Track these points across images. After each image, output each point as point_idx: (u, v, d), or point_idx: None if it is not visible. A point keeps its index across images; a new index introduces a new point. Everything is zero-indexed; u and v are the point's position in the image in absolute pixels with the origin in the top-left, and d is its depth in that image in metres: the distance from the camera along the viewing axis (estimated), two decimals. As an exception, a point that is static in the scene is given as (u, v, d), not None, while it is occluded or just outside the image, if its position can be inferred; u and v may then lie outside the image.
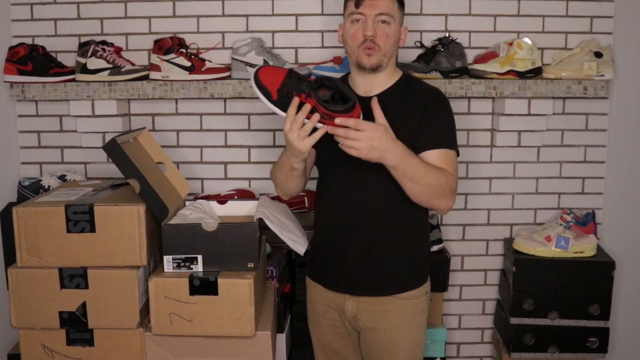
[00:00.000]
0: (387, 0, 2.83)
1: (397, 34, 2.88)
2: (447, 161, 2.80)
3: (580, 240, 3.66)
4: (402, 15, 2.92)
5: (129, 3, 3.82)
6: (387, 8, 2.83)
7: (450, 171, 2.79)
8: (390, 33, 2.83)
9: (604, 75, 3.65)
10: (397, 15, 2.86)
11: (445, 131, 2.86)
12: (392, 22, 2.83)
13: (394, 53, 2.92)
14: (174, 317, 2.87)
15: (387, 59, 2.87)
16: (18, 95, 3.66)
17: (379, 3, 2.82)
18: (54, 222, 2.88)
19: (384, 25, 2.82)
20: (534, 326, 3.71)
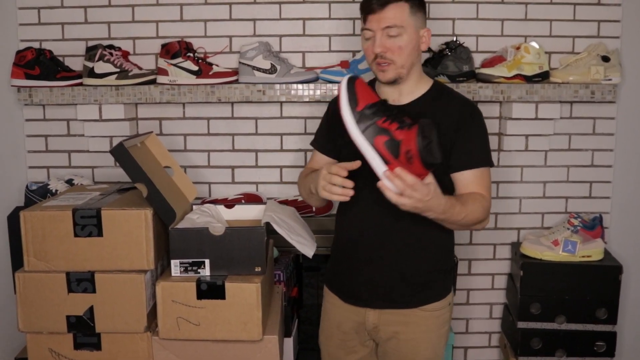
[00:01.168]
0: (393, 10, 2.74)
1: (413, 41, 2.77)
2: (482, 181, 2.80)
3: (588, 245, 3.65)
4: (420, 19, 2.80)
5: (137, 7, 3.82)
6: (394, 19, 2.74)
7: (485, 192, 2.79)
8: (402, 44, 2.75)
9: (612, 79, 3.65)
10: (409, 22, 2.75)
11: (480, 149, 2.82)
12: (403, 32, 2.74)
13: (416, 61, 2.83)
14: (182, 321, 2.87)
15: (407, 70, 2.80)
16: (25, 99, 3.66)
17: (385, 15, 2.74)
18: (61, 226, 2.88)
19: (394, 39, 2.75)
20: (541, 330, 3.71)
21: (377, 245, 2.84)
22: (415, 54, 2.81)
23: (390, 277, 2.84)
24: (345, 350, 3.01)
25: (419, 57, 2.86)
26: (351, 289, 2.94)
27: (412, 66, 2.82)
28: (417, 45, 2.81)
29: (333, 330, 3.03)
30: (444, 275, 2.93)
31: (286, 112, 3.88)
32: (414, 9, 2.77)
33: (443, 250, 2.93)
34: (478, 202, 2.72)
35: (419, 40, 2.81)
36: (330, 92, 3.64)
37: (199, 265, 2.91)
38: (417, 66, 2.86)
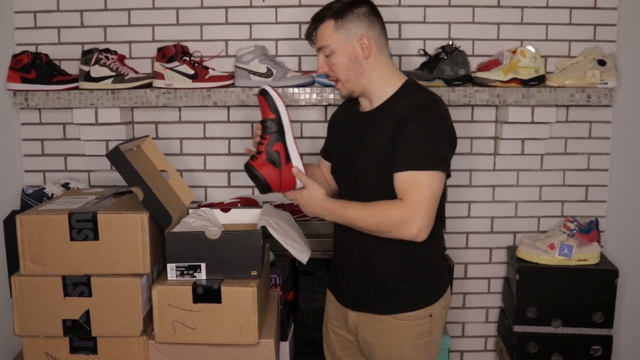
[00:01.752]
0: (321, 31, 2.81)
1: (347, 55, 2.78)
2: (408, 186, 2.62)
3: (584, 248, 3.66)
4: (350, 30, 2.77)
5: (133, 11, 3.83)
6: (322, 39, 2.81)
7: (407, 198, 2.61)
8: (336, 62, 2.80)
9: (608, 83, 3.65)
10: (336, 38, 2.77)
11: (416, 150, 2.64)
12: (332, 50, 2.78)
13: (364, 70, 2.80)
14: (178, 325, 2.87)
15: (355, 82, 2.82)
16: (21, 103, 3.66)
17: (317, 37, 2.85)
18: (57, 230, 2.88)
19: (329, 58, 2.82)
20: (537, 334, 3.71)
21: (353, 249, 2.87)
22: (357, 65, 2.79)
23: (361, 282, 2.86)
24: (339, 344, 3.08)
25: (368, 65, 2.80)
26: (337, 288, 3.02)
27: (361, 76, 2.81)
28: (355, 56, 2.79)
29: (329, 325, 3.10)
30: (419, 286, 2.85)
31: (282, 116, 3.88)
32: (340, 22, 2.77)
33: (413, 260, 2.81)
34: (380, 209, 2.65)
35: (356, 50, 2.78)
36: (326, 96, 3.64)
37: (195, 269, 2.91)
38: (372, 73, 2.82)
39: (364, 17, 2.79)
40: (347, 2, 2.80)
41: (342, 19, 2.76)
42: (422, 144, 2.64)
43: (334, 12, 2.78)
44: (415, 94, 2.78)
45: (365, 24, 2.79)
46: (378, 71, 2.82)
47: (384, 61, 2.84)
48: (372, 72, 2.81)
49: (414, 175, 2.61)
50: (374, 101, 2.85)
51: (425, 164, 2.61)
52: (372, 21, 2.82)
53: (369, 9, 2.83)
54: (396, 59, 3.83)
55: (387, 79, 2.84)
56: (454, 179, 3.87)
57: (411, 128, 2.64)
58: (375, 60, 2.81)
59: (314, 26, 2.84)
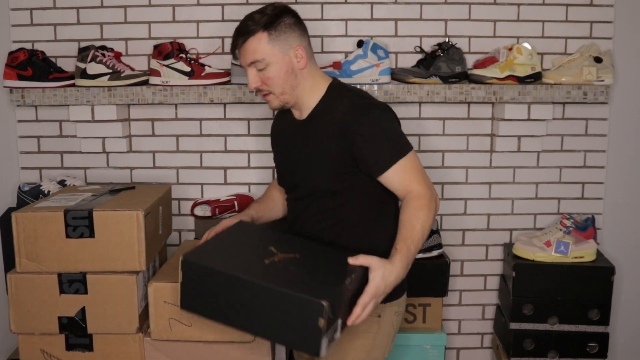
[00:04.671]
0: (253, 44, 2.74)
1: (283, 67, 2.75)
2: (405, 174, 2.66)
3: (580, 246, 3.66)
4: (285, 41, 2.74)
5: (129, 8, 3.82)
6: (254, 53, 2.74)
7: (413, 184, 2.64)
8: (272, 75, 2.75)
9: (604, 81, 3.65)
10: (271, 51, 2.73)
11: (384, 147, 2.67)
12: (268, 63, 2.73)
13: (298, 81, 2.79)
14: (173, 322, 2.88)
15: (290, 93, 2.80)
16: (18, 100, 3.66)
17: (246, 51, 2.76)
18: (53, 228, 2.88)
19: (263, 72, 2.76)
20: (533, 331, 3.71)
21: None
22: (293, 77, 2.77)
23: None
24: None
25: (302, 75, 2.80)
26: None
27: (296, 87, 2.80)
28: (291, 68, 2.76)
29: None
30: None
31: (279, 113, 3.88)
32: (274, 34, 2.73)
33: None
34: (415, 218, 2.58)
35: (291, 62, 2.76)
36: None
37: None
38: (305, 82, 2.81)
39: (295, 27, 2.79)
40: (273, 14, 2.77)
41: (275, 31, 2.73)
42: (385, 139, 2.69)
43: (266, 24, 2.73)
44: (344, 97, 2.79)
45: (297, 34, 2.79)
46: (310, 79, 2.82)
47: (314, 69, 2.86)
48: (305, 82, 2.81)
49: (403, 164, 2.65)
50: (304, 110, 2.85)
51: (400, 150, 2.67)
52: (302, 30, 2.83)
53: (295, 18, 2.83)
54: (393, 56, 3.83)
55: (317, 86, 2.84)
56: (450, 176, 3.89)
57: (367, 132, 2.65)
58: (309, 69, 2.81)
59: (243, 39, 2.76)
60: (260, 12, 2.79)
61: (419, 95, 3.63)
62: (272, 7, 2.80)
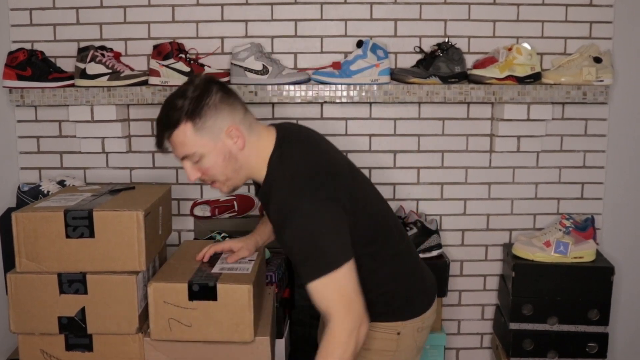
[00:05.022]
0: (179, 138, 2.50)
1: (220, 154, 2.50)
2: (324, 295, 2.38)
3: (580, 246, 3.66)
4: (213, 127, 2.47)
5: (128, 8, 3.82)
6: (183, 147, 2.51)
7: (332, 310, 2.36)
8: (209, 165, 2.53)
9: (603, 81, 3.65)
10: (200, 141, 2.48)
11: (304, 262, 2.39)
12: (200, 154, 2.51)
13: (240, 165, 2.56)
14: (173, 323, 2.87)
15: (236, 176, 2.60)
16: (17, 100, 3.66)
17: (173, 145, 2.54)
18: (53, 228, 2.87)
19: (198, 163, 2.54)
20: (533, 331, 3.71)
21: None
22: (234, 161, 2.54)
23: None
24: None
25: (245, 155, 2.54)
26: None
27: (241, 169, 2.58)
28: (229, 152, 2.52)
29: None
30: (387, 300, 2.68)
31: (278, 114, 3.87)
32: (199, 123, 2.47)
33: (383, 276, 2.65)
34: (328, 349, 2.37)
35: (228, 146, 2.52)
36: (322, 93, 3.64)
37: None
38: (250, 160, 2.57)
39: (223, 105, 2.51)
40: (195, 96, 2.48)
41: (200, 118, 2.46)
42: (307, 251, 2.39)
43: (188, 112, 2.46)
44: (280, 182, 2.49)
45: (226, 113, 2.51)
46: (254, 154, 2.57)
47: (255, 139, 2.58)
48: (250, 159, 2.57)
49: (318, 285, 2.37)
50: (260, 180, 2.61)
51: (319, 270, 2.36)
52: (231, 103, 2.55)
53: (221, 90, 2.54)
54: (392, 56, 3.83)
55: (263, 158, 2.56)
56: (449, 176, 3.89)
57: (289, 242, 2.42)
58: (249, 146, 2.55)
59: (168, 133, 2.52)
60: (181, 94, 2.52)
61: (418, 96, 3.63)
62: (193, 87, 2.51)
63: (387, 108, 3.89)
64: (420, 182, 3.96)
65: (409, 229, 3.66)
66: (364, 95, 3.63)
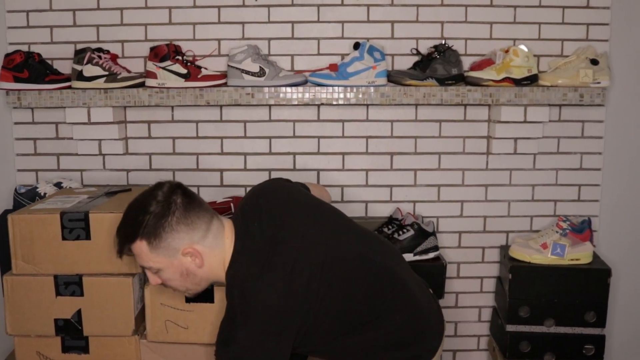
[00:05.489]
0: (135, 250, 2.49)
1: (177, 269, 2.49)
2: None
3: (577, 248, 3.66)
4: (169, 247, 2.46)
5: (125, 10, 3.82)
6: (140, 259, 2.52)
7: None
8: (166, 277, 2.54)
9: (600, 83, 3.65)
10: (155, 258, 2.47)
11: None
12: (157, 269, 2.51)
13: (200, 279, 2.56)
14: (170, 325, 2.87)
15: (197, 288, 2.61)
16: (14, 102, 3.65)
17: (135, 254, 2.53)
18: (49, 230, 2.88)
19: (157, 274, 2.55)
20: (530, 333, 3.71)
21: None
22: (192, 276, 2.53)
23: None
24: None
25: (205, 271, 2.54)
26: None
27: (201, 282, 2.59)
28: (186, 270, 2.51)
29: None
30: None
31: (275, 115, 3.87)
32: (154, 243, 2.45)
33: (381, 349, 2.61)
34: None
35: (184, 264, 2.50)
36: (319, 95, 3.63)
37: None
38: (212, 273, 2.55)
39: (181, 226, 2.47)
40: (155, 213, 2.44)
41: (155, 238, 2.44)
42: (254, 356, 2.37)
43: (144, 231, 2.45)
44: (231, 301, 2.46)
45: (184, 234, 2.47)
46: (216, 267, 2.55)
47: (218, 253, 2.55)
48: (211, 273, 2.56)
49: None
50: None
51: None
52: (191, 222, 2.49)
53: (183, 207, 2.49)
54: (389, 58, 3.83)
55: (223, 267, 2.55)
56: (446, 178, 3.89)
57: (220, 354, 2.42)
58: (210, 261, 2.53)
59: (127, 246, 2.52)
60: (142, 207, 2.50)
61: (415, 98, 3.63)
62: (155, 202, 2.47)
63: (383, 110, 3.88)
64: (417, 184, 3.96)
65: (405, 230, 3.66)
66: (360, 97, 3.63)
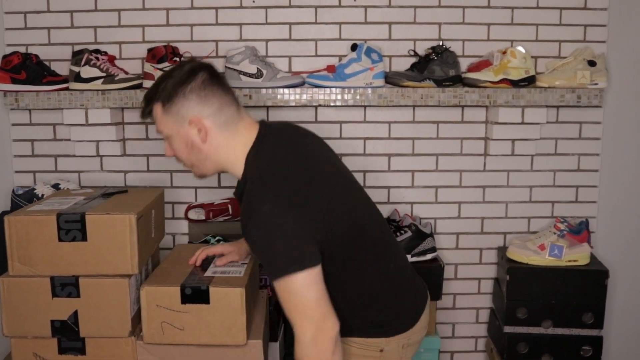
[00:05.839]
0: (153, 112, 2.59)
1: (183, 141, 2.56)
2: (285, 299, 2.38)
3: (574, 249, 3.66)
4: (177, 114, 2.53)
5: (123, 12, 3.82)
6: (157, 124, 2.60)
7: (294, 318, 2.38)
8: (175, 147, 2.60)
9: (598, 84, 3.65)
10: (165, 123, 2.56)
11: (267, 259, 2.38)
12: (169, 135, 2.59)
13: (205, 156, 2.58)
14: (166, 326, 2.87)
15: (202, 167, 2.63)
16: (12, 103, 3.66)
17: (154, 120, 2.63)
18: (45, 231, 2.87)
19: (168, 142, 2.63)
20: (527, 335, 3.71)
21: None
22: (197, 151, 2.57)
23: None
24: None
25: (210, 149, 2.56)
26: None
27: (206, 160, 2.60)
28: (192, 142, 2.56)
29: None
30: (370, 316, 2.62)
31: (273, 117, 3.87)
32: (167, 105, 2.54)
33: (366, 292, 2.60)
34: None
35: (190, 135, 2.55)
36: (316, 97, 3.64)
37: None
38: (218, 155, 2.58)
39: (193, 95, 2.52)
40: (175, 80, 2.53)
41: (169, 102, 2.53)
42: (267, 246, 2.37)
43: (161, 95, 2.54)
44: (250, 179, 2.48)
45: (194, 103, 2.52)
46: (224, 151, 2.58)
47: (229, 136, 2.57)
48: (217, 154, 2.58)
49: (280, 287, 2.36)
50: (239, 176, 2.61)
51: (277, 273, 2.35)
52: (205, 96, 2.53)
53: (202, 81, 2.54)
54: (387, 59, 3.83)
55: (239, 155, 2.56)
56: (444, 180, 3.89)
57: (254, 236, 2.39)
58: (217, 141, 2.56)
59: (148, 109, 2.62)
60: (168, 74, 2.58)
61: (412, 99, 3.64)
62: (180, 71, 2.56)
63: (381, 111, 3.89)
64: (415, 185, 3.96)
65: (403, 232, 3.67)
66: (358, 99, 3.63)
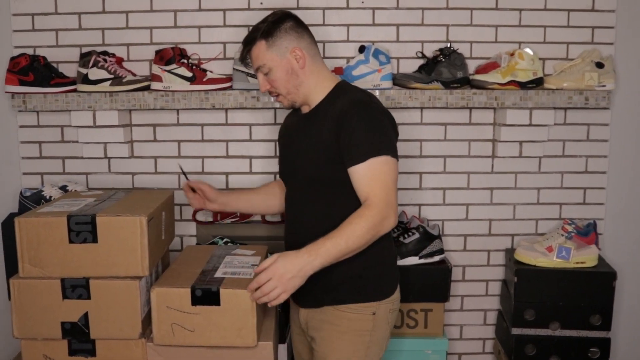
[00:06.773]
0: (255, 51, 2.96)
1: (284, 70, 2.93)
2: (369, 177, 2.70)
3: (582, 251, 3.66)
4: (281, 46, 2.92)
5: (130, 13, 3.82)
6: (257, 60, 2.96)
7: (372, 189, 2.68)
8: (275, 78, 2.94)
9: (605, 86, 3.65)
10: (270, 56, 2.92)
11: (365, 141, 2.71)
12: (270, 68, 2.93)
13: (301, 82, 2.95)
14: (176, 328, 2.87)
15: (295, 93, 2.97)
16: (19, 105, 3.66)
17: (252, 57, 3.00)
18: (56, 233, 2.88)
19: (267, 76, 2.97)
20: (535, 336, 3.71)
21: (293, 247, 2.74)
22: (295, 77, 2.94)
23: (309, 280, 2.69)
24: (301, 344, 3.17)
25: (305, 74, 2.95)
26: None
27: (300, 85, 2.96)
28: (292, 69, 2.93)
29: (292, 327, 3.21)
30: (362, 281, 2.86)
31: (280, 119, 3.86)
32: (270, 40, 2.92)
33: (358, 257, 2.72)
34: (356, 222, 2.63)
35: (291, 63, 2.93)
36: (324, 99, 3.64)
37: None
38: (309, 80, 2.97)
39: (292, 31, 2.95)
40: (272, 21, 2.96)
41: (271, 37, 2.92)
42: (368, 135, 2.73)
43: (263, 32, 2.92)
44: (348, 93, 2.91)
45: (294, 37, 2.94)
46: (314, 77, 2.97)
47: (318, 67, 3.00)
48: (309, 80, 2.96)
49: (371, 165, 2.70)
50: (312, 104, 2.98)
51: (374, 151, 2.70)
52: (300, 32, 2.97)
53: (294, 22, 2.98)
54: (394, 61, 3.83)
55: (323, 84, 2.98)
56: (451, 182, 3.89)
57: (354, 123, 2.73)
58: (310, 68, 2.97)
59: (247, 49, 3.00)
60: (263, 21, 2.98)
61: (420, 101, 3.64)
62: (272, 15, 3.00)
63: (389, 113, 3.89)
64: (423, 187, 3.96)
65: (411, 233, 3.67)
66: (366, 101, 3.63)
